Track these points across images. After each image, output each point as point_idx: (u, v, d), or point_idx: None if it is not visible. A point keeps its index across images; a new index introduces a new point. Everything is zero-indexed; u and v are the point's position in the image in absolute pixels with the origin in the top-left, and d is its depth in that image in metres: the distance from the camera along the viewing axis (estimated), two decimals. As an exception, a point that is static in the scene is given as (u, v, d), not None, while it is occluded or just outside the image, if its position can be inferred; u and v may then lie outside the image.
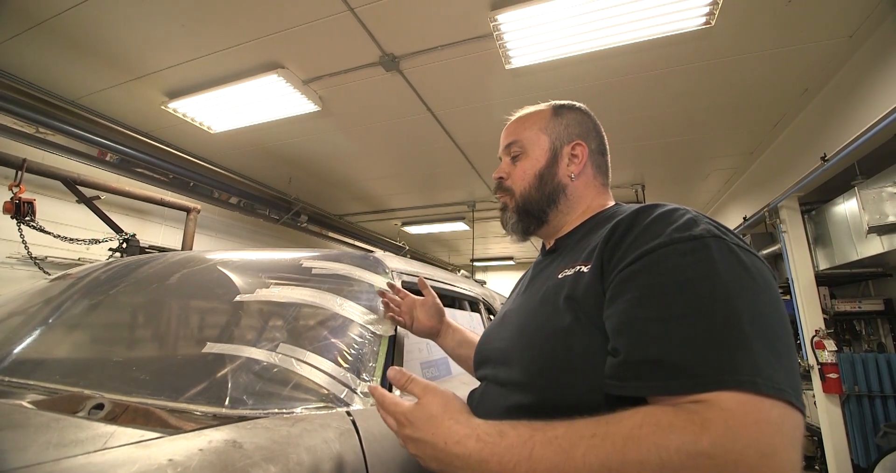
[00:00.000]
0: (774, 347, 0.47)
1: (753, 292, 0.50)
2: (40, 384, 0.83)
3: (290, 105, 3.04)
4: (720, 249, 0.53)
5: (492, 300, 2.04)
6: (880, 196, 2.88)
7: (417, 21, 2.31)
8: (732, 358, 0.45)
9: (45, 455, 0.45)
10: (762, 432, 0.41)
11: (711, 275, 0.51)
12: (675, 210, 0.62)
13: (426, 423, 0.55)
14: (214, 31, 2.41)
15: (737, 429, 0.41)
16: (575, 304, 0.62)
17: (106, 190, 3.26)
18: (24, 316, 1.18)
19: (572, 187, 0.83)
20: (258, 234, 5.54)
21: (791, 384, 0.45)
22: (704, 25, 2.18)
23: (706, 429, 0.42)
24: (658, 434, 0.43)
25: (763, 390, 0.43)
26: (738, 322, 0.47)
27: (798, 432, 0.44)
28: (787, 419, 0.44)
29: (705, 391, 0.44)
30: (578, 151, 0.83)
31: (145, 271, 1.28)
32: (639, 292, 0.53)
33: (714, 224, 0.58)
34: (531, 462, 0.46)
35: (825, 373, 3.23)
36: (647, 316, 0.51)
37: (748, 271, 0.52)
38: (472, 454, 0.49)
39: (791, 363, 0.48)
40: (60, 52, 2.61)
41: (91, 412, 0.67)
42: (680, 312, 0.49)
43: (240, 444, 0.56)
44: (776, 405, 0.44)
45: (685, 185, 4.85)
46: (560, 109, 0.87)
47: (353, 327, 0.97)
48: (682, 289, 0.51)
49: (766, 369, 0.45)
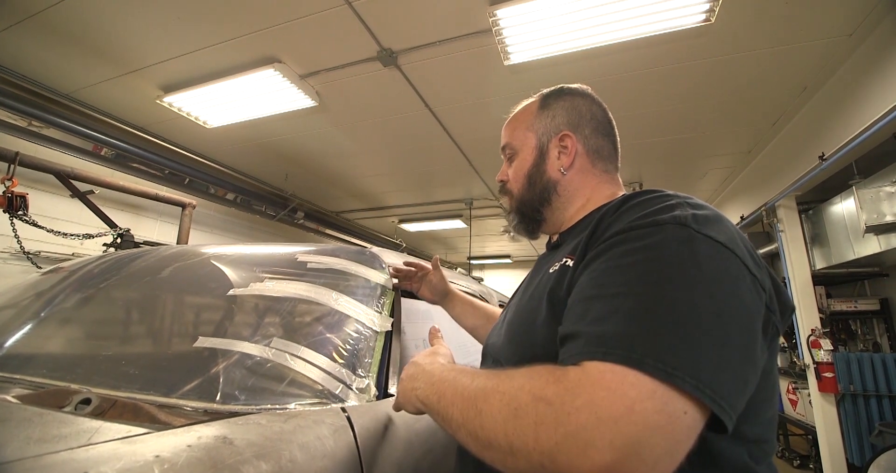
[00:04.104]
0: (690, 334, 0.45)
1: (691, 281, 0.48)
2: (27, 378, 0.81)
3: (286, 100, 3.02)
4: (675, 236, 0.52)
5: (489, 297, 2.03)
6: (878, 196, 2.88)
7: (416, 16, 2.28)
8: (627, 335, 0.46)
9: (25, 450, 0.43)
10: (607, 400, 0.41)
11: (650, 260, 0.51)
12: (657, 197, 0.61)
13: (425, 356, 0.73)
14: (210, 24, 2.38)
15: (582, 388, 0.43)
16: (555, 297, 0.62)
17: (100, 185, 3.23)
18: (14, 310, 1.16)
19: (565, 181, 0.79)
20: (254, 230, 5.51)
21: (696, 374, 0.42)
22: (704, 22, 2.17)
23: (558, 382, 0.45)
24: (526, 378, 0.49)
25: (633, 364, 0.43)
26: (654, 306, 0.47)
27: (663, 417, 0.40)
28: (653, 398, 0.41)
29: (587, 360, 0.46)
30: (567, 142, 0.79)
31: (138, 264, 1.26)
32: (588, 275, 0.56)
33: (694, 212, 0.55)
34: (454, 376, 0.60)
35: (821, 372, 3.24)
36: (582, 297, 0.54)
37: (696, 260, 0.50)
38: (434, 371, 0.65)
39: (715, 356, 0.44)
40: (54, 44, 2.58)
41: (78, 407, 0.65)
42: (608, 292, 0.51)
43: (230, 440, 0.55)
44: (644, 382, 0.42)
45: (683, 183, 4.85)
46: (547, 99, 0.84)
47: (348, 322, 0.95)
48: (618, 272, 0.52)
49: (660, 351, 0.43)
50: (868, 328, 4.21)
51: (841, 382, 3.21)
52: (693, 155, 4.05)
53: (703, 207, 0.58)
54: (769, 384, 0.57)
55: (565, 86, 0.85)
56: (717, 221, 0.55)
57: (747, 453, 0.54)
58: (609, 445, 0.40)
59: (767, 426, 0.57)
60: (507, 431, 0.46)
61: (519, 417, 0.46)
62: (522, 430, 0.45)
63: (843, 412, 3.20)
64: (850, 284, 4.36)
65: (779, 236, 3.63)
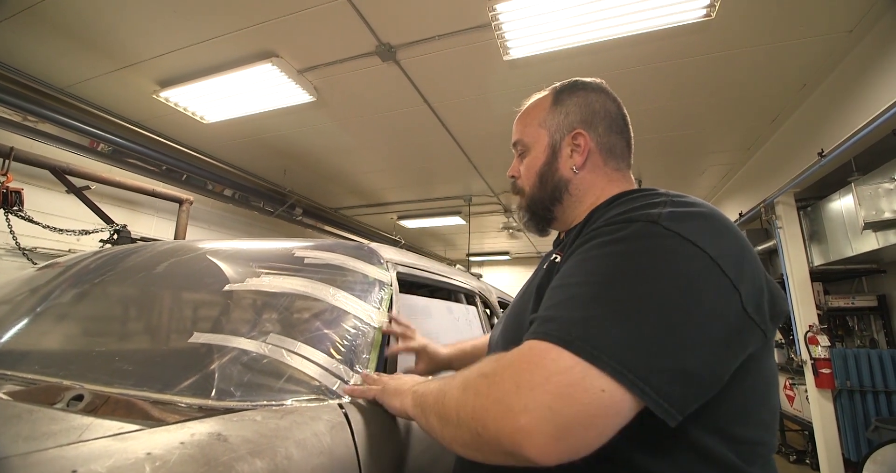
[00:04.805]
0: (627, 322, 0.47)
1: (643, 275, 0.50)
2: (19, 374, 0.80)
3: (284, 95, 3.00)
4: (641, 232, 0.54)
5: (488, 294, 2.03)
6: (876, 192, 2.88)
7: (415, 10, 2.26)
8: (568, 319, 0.50)
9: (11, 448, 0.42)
10: (528, 371, 0.47)
11: (611, 254, 0.54)
12: (644, 196, 0.62)
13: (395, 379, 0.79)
14: (207, 17, 2.36)
15: (510, 362, 0.50)
16: (542, 292, 0.63)
17: (96, 180, 3.20)
18: (8, 306, 1.15)
19: (577, 180, 0.78)
20: (252, 226, 5.49)
21: (621, 358, 0.45)
22: (704, 18, 2.15)
23: (499, 360, 0.52)
24: (481, 362, 0.56)
25: (562, 344, 0.47)
26: (601, 294, 0.50)
27: (577, 390, 0.44)
28: (569, 372, 0.45)
29: (529, 339, 0.51)
30: (580, 140, 0.77)
31: (133, 260, 1.24)
32: (563, 269, 0.60)
33: (672, 210, 0.55)
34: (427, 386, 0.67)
35: (818, 368, 3.25)
36: (551, 286, 0.59)
37: (653, 255, 0.52)
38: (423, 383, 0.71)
39: (649, 344, 0.46)
40: (49, 38, 2.55)
41: (69, 403, 0.64)
42: (569, 282, 0.55)
43: (225, 437, 0.54)
44: (565, 358, 0.46)
45: (682, 180, 4.85)
46: (560, 94, 0.81)
47: (346, 318, 0.94)
48: (582, 264, 0.56)
49: (592, 334, 0.47)
50: (865, 325, 4.22)
51: (838, 378, 3.23)
52: (692, 151, 4.04)
53: (690, 204, 0.58)
54: (762, 386, 0.57)
55: (579, 80, 0.83)
56: (699, 218, 0.55)
57: (736, 453, 0.53)
58: (524, 408, 0.44)
59: (763, 428, 0.56)
60: (458, 404, 0.53)
61: (465, 390, 0.53)
62: (466, 401, 0.52)
63: (840, 408, 3.21)
64: (847, 280, 4.37)
65: (777, 233, 3.63)
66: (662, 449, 0.52)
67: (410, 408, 0.67)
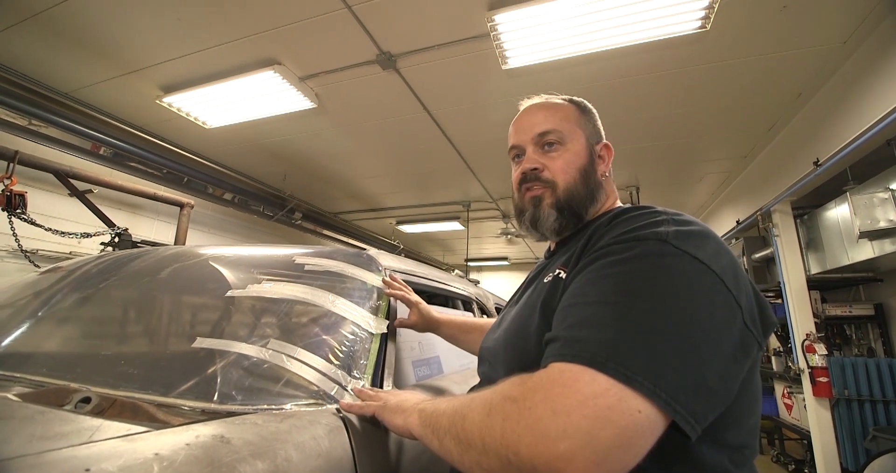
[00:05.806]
0: (653, 342, 0.48)
1: (661, 293, 0.52)
2: (27, 377, 0.82)
3: (285, 102, 3.03)
4: (652, 251, 0.56)
5: (485, 300, 2.05)
6: (871, 202, 2.90)
7: (415, 20, 2.30)
8: (595, 340, 0.49)
9: (28, 447, 0.45)
10: (562, 394, 0.46)
11: (626, 272, 0.55)
12: (646, 213, 0.64)
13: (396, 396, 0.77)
14: (211, 25, 2.40)
15: (540, 385, 0.48)
16: (548, 308, 0.66)
17: (98, 184, 3.23)
18: (13, 309, 1.17)
19: (605, 186, 0.84)
20: (252, 230, 5.51)
21: (654, 379, 0.45)
22: (700, 29, 2.19)
23: (524, 383, 0.51)
24: (502, 384, 0.54)
25: (595, 366, 0.47)
26: (624, 314, 0.51)
27: (614, 413, 0.44)
28: (606, 395, 0.45)
29: (555, 362, 0.51)
30: (605, 152, 0.85)
31: (136, 265, 1.27)
32: (573, 285, 0.61)
33: (678, 229, 0.58)
34: (449, 399, 0.64)
35: (815, 377, 3.25)
36: (564, 305, 0.59)
37: (669, 273, 0.53)
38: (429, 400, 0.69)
39: (676, 364, 0.47)
40: (54, 44, 2.59)
41: (78, 405, 0.66)
42: (585, 301, 0.56)
43: (227, 439, 0.56)
44: (600, 381, 0.46)
45: (679, 188, 4.88)
46: (583, 106, 0.87)
47: (345, 324, 0.96)
48: (597, 283, 0.57)
49: (623, 355, 0.47)
50: (862, 333, 4.23)
51: (835, 387, 3.22)
52: (689, 159, 4.08)
53: (689, 223, 0.60)
54: (751, 394, 0.60)
55: None
56: (700, 237, 0.58)
57: (728, 458, 0.56)
58: (563, 434, 0.43)
59: (749, 433, 0.59)
60: (482, 429, 0.51)
61: (491, 415, 0.51)
62: (492, 426, 0.49)
63: (838, 417, 3.21)
64: (844, 289, 4.38)
65: (774, 241, 3.65)
66: (662, 459, 0.52)
67: (417, 428, 0.65)
